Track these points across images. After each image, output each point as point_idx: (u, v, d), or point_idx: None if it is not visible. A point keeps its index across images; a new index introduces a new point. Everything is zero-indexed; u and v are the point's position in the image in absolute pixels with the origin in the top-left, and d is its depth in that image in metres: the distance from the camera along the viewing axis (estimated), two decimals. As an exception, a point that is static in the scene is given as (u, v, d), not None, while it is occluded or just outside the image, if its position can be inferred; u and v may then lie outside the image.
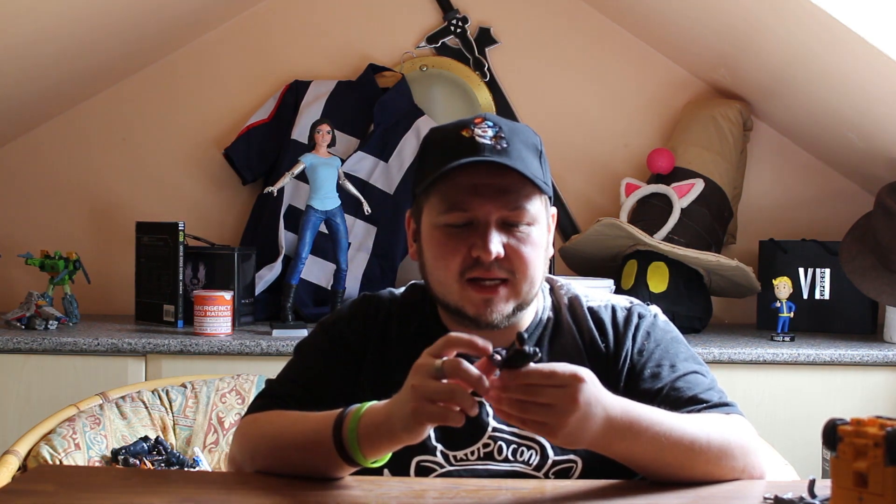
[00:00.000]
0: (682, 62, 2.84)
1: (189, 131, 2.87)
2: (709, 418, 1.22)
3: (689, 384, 1.28)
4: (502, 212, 1.23)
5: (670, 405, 1.23)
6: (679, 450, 1.15)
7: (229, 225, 2.86)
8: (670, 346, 1.33)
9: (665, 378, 1.28)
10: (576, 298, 1.37)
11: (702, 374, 1.31)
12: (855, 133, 2.50)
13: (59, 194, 2.88)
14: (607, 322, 1.34)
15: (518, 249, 1.24)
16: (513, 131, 1.26)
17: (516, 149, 1.24)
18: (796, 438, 2.25)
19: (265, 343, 2.25)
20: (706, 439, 1.16)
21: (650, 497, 1.12)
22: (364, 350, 1.33)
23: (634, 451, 1.13)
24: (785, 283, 2.47)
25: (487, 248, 1.21)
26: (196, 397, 1.84)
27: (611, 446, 1.12)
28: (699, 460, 1.16)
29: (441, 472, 1.24)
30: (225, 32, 2.88)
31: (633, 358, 1.31)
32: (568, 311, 1.36)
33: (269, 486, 1.16)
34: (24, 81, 2.54)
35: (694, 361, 1.32)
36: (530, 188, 1.25)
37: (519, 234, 1.24)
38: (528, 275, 1.25)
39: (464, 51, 2.84)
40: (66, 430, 1.65)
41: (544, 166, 1.30)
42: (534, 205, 1.25)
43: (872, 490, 0.87)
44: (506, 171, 1.23)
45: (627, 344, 1.32)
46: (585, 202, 2.86)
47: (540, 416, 1.06)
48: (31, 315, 2.45)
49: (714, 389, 1.29)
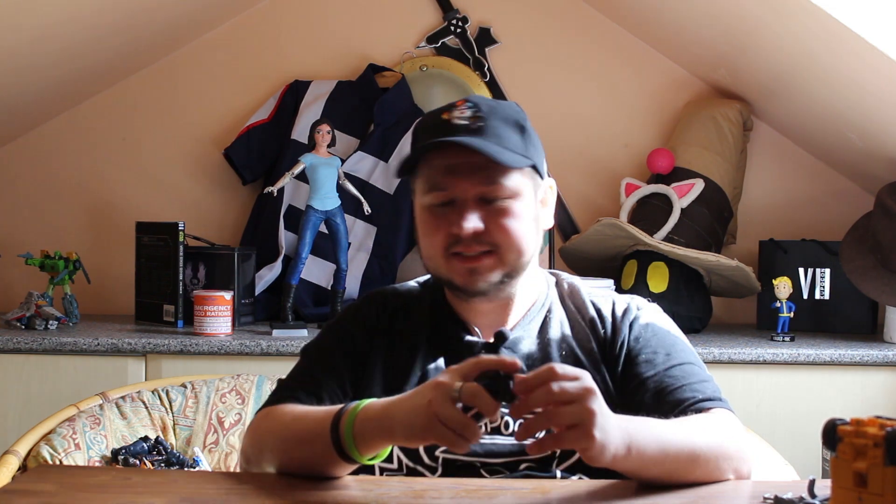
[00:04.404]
0: (682, 62, 2.84)
1: (189, 131, 2.87)
2: (701, 423, 1.22)
3: (683, 373, 1.29)
4: (479, 188, 1.28)
5: (661, 392, 1.26)
6: (679, 459, 1.15)
7: (229, 225, 2.86)
8: (667, 336, 1.35)
9: (659, 365, 1.30)
10: (577, 288, 1.43)
11: (696, 366, 1.32)
12: (855, 133, 2.50)
13: (59, 194, 2.88)
14: (606, 311, 1.38)
15: (499, 222, 1.29)
16: (492, 110, 1.31)
17: (493, 126, 1.29)
18: (796, 438, 2.25)
19: (265, 343, 2.25)
20: (703, 447, 1.17)
21: (650, 497, 1.12)
22: (370, 347, 1.36)
23: (644, 461, 1.13)
24: (785, 283, 2.47)
25: (461, 224, 1.27)
26: (196, 397, 1.84)
27: (623, 467, 1.12)
28: (695, 468, 1.17)
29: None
30: (225, 32, 2.88)
31: (630, 344, 1.33)
32: (570, 298, 1.41)
33: (268, 486, 1.16)
34: (24, 81, 2.54)
35: (690, 354, 1.34)
36: (523, 163, 1.29)
37: (499, 207, 1.29)
38: (514, 244, 1.29)
39: (464, 51, 2.84)
40: (66, 430, 1.65)
41: (527, 140, 1.32)
42: (511, 179, 1.29)
43: (872, 490, 0.87)
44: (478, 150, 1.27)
45: (624, 331, 1.35)
46: (585, 202, 2.86)
47: (567, 417, 1.04)
48: (31, 315, 2.45)
49: (707, 382, 1.30)
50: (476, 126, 1.28)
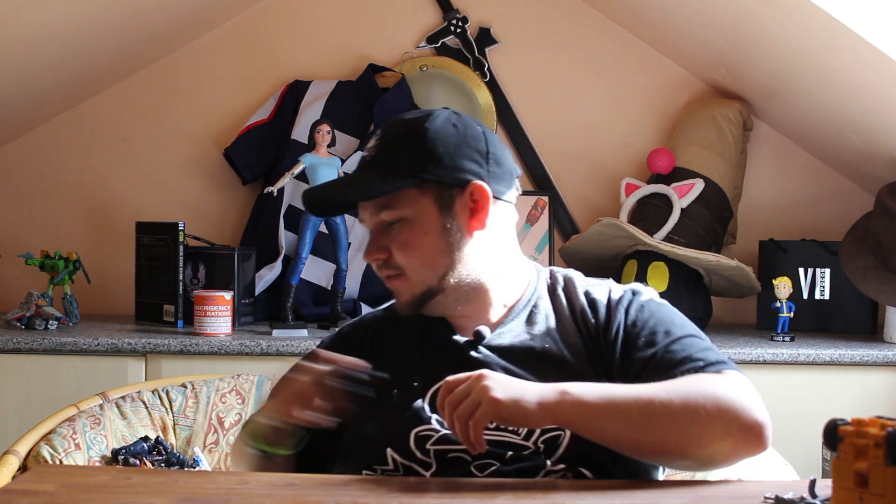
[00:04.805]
0: (682, 62, 2.84)
1: (189, 131, 2.87)
2: (686, 380, 1.19)
3: (683, 346, 1.26)
4: (374, 218, 1.33)
5: (664, 368, 1.23)
6: (641, 410, 1.14)
7: (229, 225, 2.86)
8: (666, 315, 1.32)
9: (660, 343, 1.27)
10: (571, 280, 1.41)
11: (698, 337, 1.29)
12: (855, 133, 2.50)
13: (59, 194, 2.88)
14: (602, 300, 1.36)
15: (397, 246, 1.31)
16: (387, 134, 1.34)
17: (381, 155, 1.32)
18: (796, 438, 2.24)
19: (265, 343, 2.25)
20: (680, 400, 1.14)
21: (650, 497, 1.11)
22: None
23: (589, 409, 1.14)
24: (785, 283, 2.47)
25: (365, 255, 1.36)
26: (196, 397, 1.84)
27: (565, 417, 1.14)
28: (673, 422, 1.14)
29: (438, 436, 1.26)
30: (225, 32, 2.88)
31: (628, 329, 1.31)
32: (563, 290, 1.39)
33: (268, 486, 1.16)
34: (24, 81, 2.54)
35: (692, 328, 1.31)
36: (391, 187, 1.30)
37: (395, 231, 1.32)
38: (415, 265, 1.31)
39: (464, 51, 2.84)
40: (66, 430, 1.65)
41: (426, 153, 1.30)
42: (399, 199, 1.30)
43: (873, 490, 0.87)
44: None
45: (620, 317, 1.32)
46: (585, 202, 2.86)
47: (469, 406, 1.12)
48: (31, 315, 2.45)
49: (711, 350, 1.26)
50: (369, 158, 1.33)
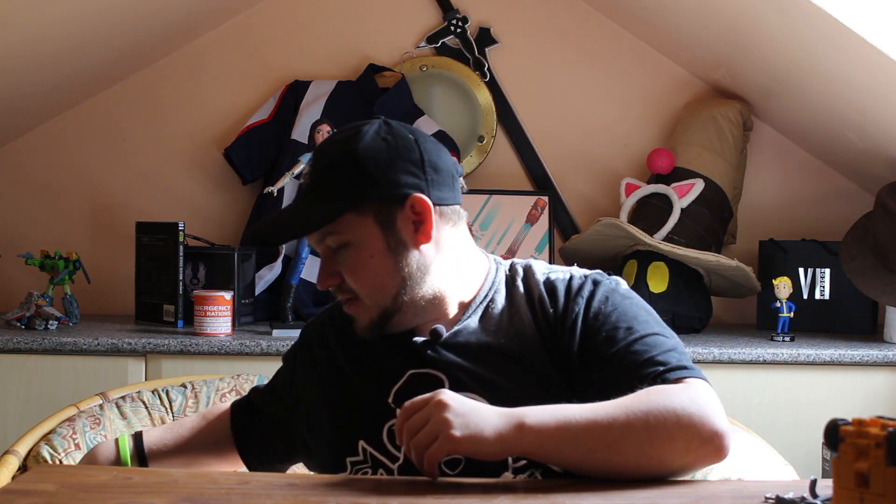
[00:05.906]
0: (682, 62, 2.84)
1: (189, 131, 2.87)
2: (646, 395, 1.14)
3: (646, 346, 1.21)
4: (321, 245, 1.32)
5: (625, 370, 1.20)
6: (597, 431, 1.11)
7: (229, 225, 2.86)
8: (629, 309, 1.28)
9: (620, 341, 1.23)
10: (531, 269, 1.38)
11: (664, 336, 1.24)
12: (855, 133, 2.50)
13: (59, 194, 2.88)
14: (561, 288, 1.32)
15: (346, 271, 1.30)
16: (319, 159, 1.32)
17: (314, 181, 1.30)
18: (796, 438, 2.25)
19: (265, 343, 2.25)
20: (637, 417, 1.11)
21: (650, 497, 1.11)
22: (311, 372, 1.42)
23: (549, 437, 1.12)
24: (785, 283, 2.47)
25: (318, 283, 1.34)
26: (196, 397, 1.84)
27: (524, 449, 1.13)
28: (630, 440, 1.11)
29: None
30: (225, 32, 2.87)
31: (588, 321, 1.27)
32: (521, 280, 1.36)
33: (268, 486, 1.16)
34: (23, 81, 2.54)
35: (656, 325, 1.26)
36: (330, 216, 1.28)
37: (342, 256, 1.30)
38: (365, 288, 1.30)
39: (464, 51, 2.84)
40: (66, 430, 1.65)
41: (361, 175, 1.27)
42: (340, 225, 1.28)
43: (874, 490, 0.87)
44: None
45: (579, 306, 1.29)
46: (585, 202, 2.86)
47: (426, 438, 1.10)
48: (31, 315, 2.45)
49: (675, 351, 1.22)
50: (305, 187, 1.32)
